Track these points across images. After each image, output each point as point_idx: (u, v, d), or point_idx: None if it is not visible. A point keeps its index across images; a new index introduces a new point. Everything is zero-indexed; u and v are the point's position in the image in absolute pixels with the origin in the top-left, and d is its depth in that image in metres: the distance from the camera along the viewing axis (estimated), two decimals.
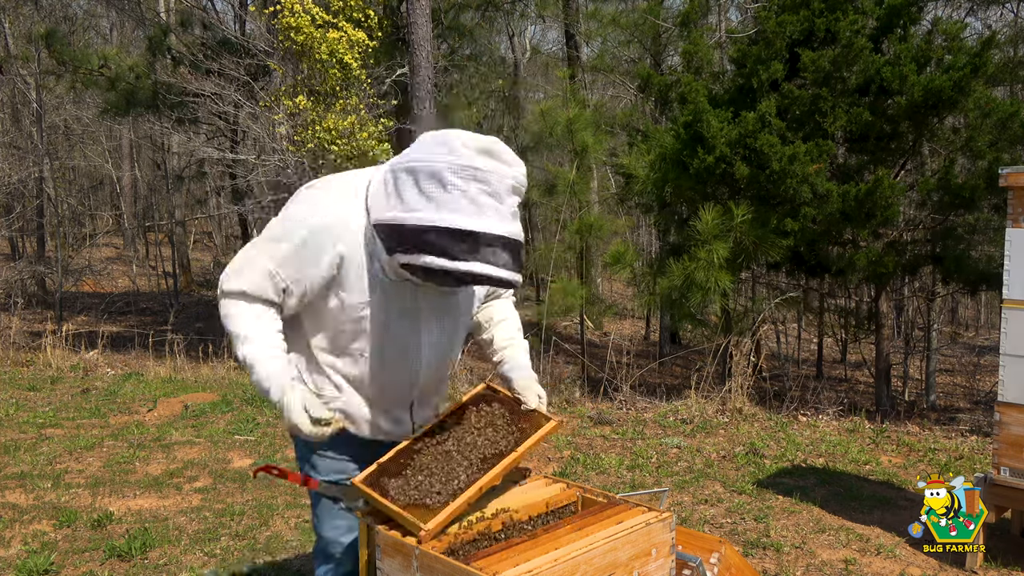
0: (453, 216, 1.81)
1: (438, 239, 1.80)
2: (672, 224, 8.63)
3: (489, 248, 1.82)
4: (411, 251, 1.85)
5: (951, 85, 7.08)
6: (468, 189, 1.82)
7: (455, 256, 1.80)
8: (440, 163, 1.83)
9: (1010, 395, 3.59)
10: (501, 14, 15.55)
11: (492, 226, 1.82)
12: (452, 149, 1.84)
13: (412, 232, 1.84)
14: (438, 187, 1.82)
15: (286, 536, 3.97)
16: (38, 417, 6.31)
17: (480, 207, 1.82)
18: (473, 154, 1.83)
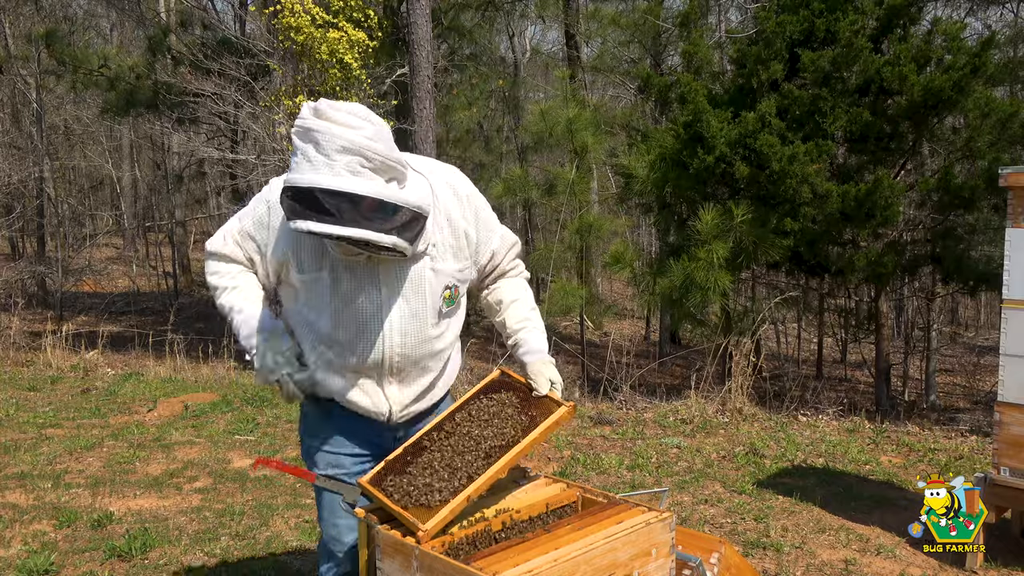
0: (291, 175, 1.84)
1: (286, 202, 1.85)
2: (672, 224, 8.62)
3: (324, 203, 1.77)
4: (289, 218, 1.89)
5: (951, 85, 7.08)
6: (307, 150, 1.83)
7: (298, 214, 1.81)
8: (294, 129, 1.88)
9: (1010, 395, 3.58)
10: (501, 14, 15.55)
11: (316, 180, 1.78)
12: (300, 115, 1.88)
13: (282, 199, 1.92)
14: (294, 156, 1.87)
15: (286, 536, 3.97)
16: (38, 417, 6.31)
17: (313, 163, 1.81)
18: (309, 115, 1.85)
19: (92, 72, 12.97)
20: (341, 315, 2.08)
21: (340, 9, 8.66)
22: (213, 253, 2.21)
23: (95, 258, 20.80)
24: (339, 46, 8.43)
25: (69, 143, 20.76)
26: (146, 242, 22.89)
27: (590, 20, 14.87)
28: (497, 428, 2.07)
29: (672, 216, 8.57)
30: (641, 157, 8.12)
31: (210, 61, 10.48)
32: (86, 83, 13.37)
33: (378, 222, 1.82)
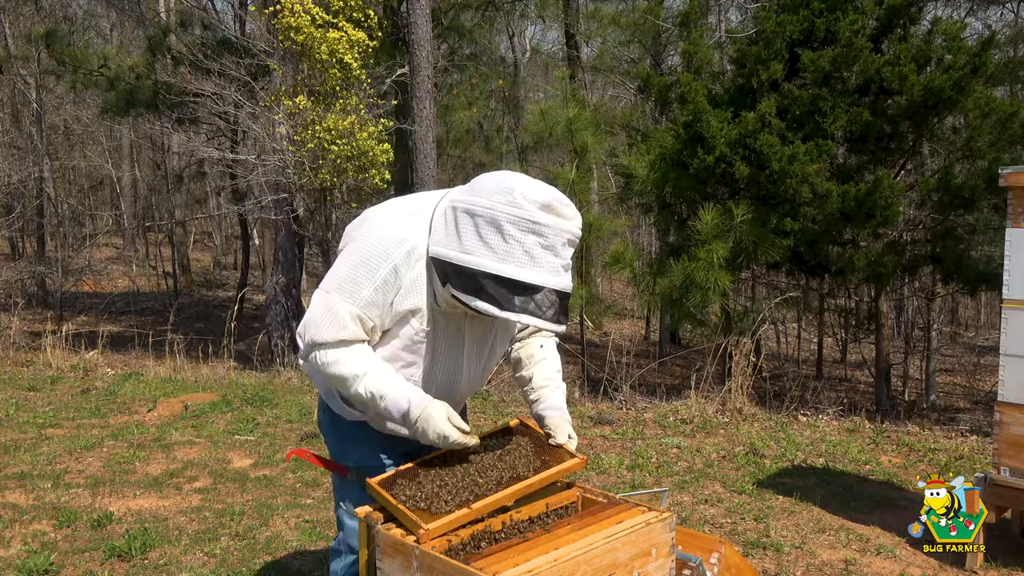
0: (508, 267, 1.86)
1: (492, 287, 1.86)
2: (672, 224, 8.62)
3: (541, 300, 1.87)
4: (465, 290, 1.90)
5: (951, 85, 7.08)
6: (525, 241, 1.86)
7: (506, 306, 1.86)
8: (500, 212, 1.87)
9: (1010, 395, 3.58)
10: (501, 14, 15.55)
11: (546, 280, 1.88)
12: (513, 201, 1.88)
13: (467, 274, 1.89)
14: (496, 235, 1.87)
15: (286, 536, 3.97)
16: (38, 417, 6.31)
17: (535, 260, 1.87)
18: (534, 208, 1.87)
19: (92, 72, 12.97)
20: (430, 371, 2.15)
21: (340, 9, 8.65)
22: (325, 344, 2.04)
23: (95, 258, 20.81)
24: (339, 46, 8.43)
25: (69, 143, 20.76)
26: (146, 242, 22.90)
27: (590, 20, 14.87)
28: (509, 463, 2.11)
29: (672, 216, 8.57)
30: (641, 157, 8.12)
31: (210, 61, 10.48)
32: (86, 83, 13.37)
33: (563, 311, 1.94)
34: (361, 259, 2.02)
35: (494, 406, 6.73)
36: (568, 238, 1.92)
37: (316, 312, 2.04)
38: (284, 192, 9.67)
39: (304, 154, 8.57)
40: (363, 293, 2.00)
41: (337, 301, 2.01)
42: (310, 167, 8.65)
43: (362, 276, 2.00)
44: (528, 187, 1.90)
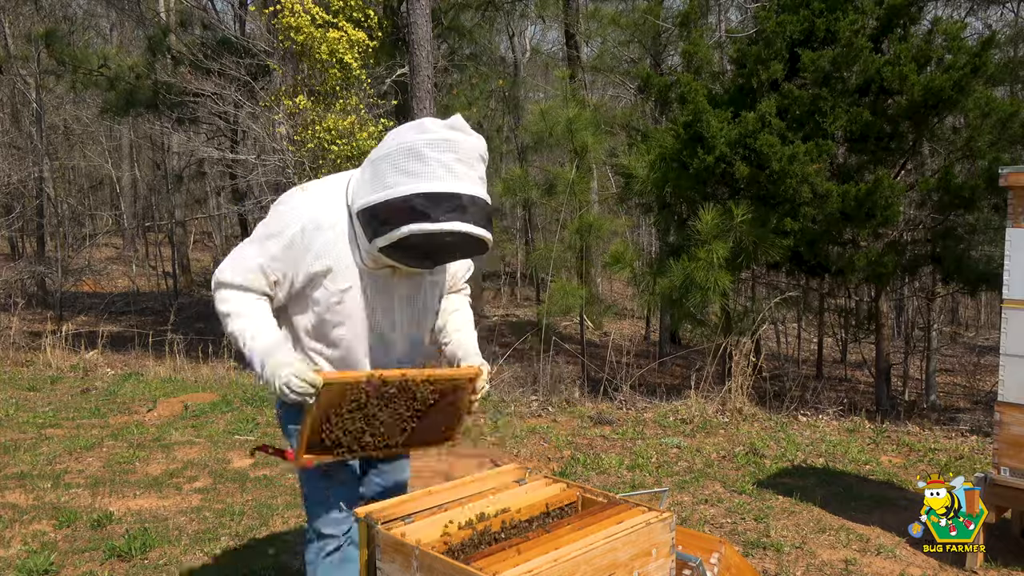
0: (434, 182, 2.01)
1: (421, 204, 1.99)
2: (672, 224, 8.62)
3: (466, 208, 2.02)
4: (392, 226, 2.03)
5: (951, 85, 7.08)
6: (443, 158, 2.03)
7: (436, 217, 1.99)
8: (415, 140, 2.05)
9: (1010, 395, 3.58)
10: (501, 14, 15.55)
11: (468, 188, 2.04)
12: (424, 128, 2.08)
13: (396, 206, 2.02)
14: (416, 161, 2.03)
15: (286, 536, 3.97)
16: (38, 417, 6.31)
17: (455, 173, 2.03)
18: (445, 129, 2.07)
19: (92, 72, 12.97)
20: (362, 323, 2.27)
21: (340, 9, 8.65)
22: (227, 283, 2.25)
23: (95, 258, 20.81)
24: (339, 46, 8.43)
25: (69, 143, 20.76)
26: (146, 242, 22.90)
27: (590, 20, 14.86)
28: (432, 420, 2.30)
29: (672, 216, 8.57)
30: (641, 157, 8.11)
31: (210, 61, 10.48)
32: (86, 83, 13.37)
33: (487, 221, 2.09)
34: (275, 219, 2.22)
35: (494, 406, 6.73)
36: (479, 153, 2.09)
37: (232, 256, 2.28)
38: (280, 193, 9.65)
39: (304, 154, 8.57)
40: (271, 248, 2.20)
41: (247, 250, 2.25)
42: (310, 167, 8.65)
43: (272, 233, 2.21)
44: (431, 118, 2.13)
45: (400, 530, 1.93)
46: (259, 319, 2.23)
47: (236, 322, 2.22)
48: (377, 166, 2.11)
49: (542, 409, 6.65)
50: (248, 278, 2.23)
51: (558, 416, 6.46)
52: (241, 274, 2.23)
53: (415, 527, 1.97)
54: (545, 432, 5.92)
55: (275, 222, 2.22)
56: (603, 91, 19.06)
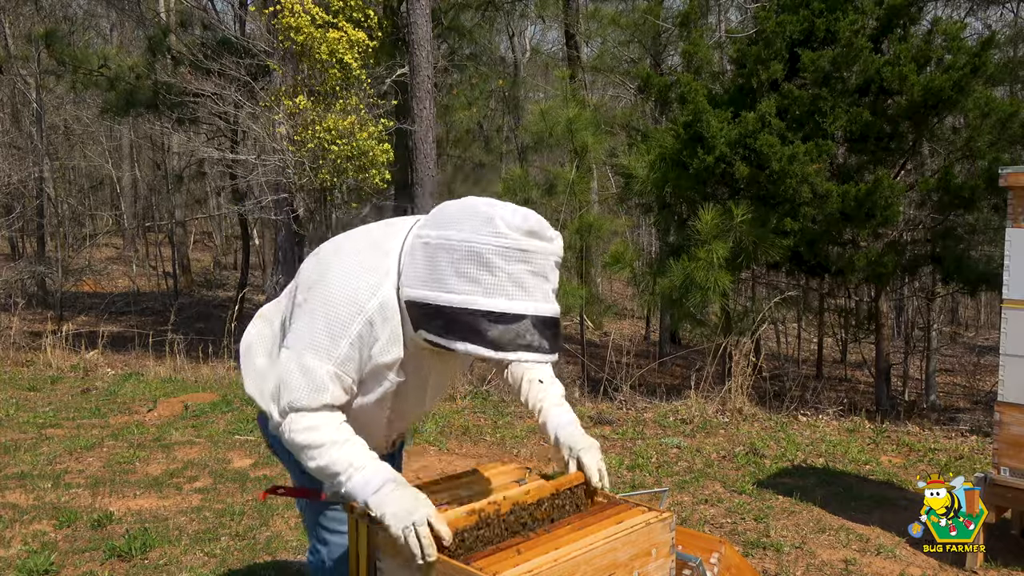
0: (498, 301, 1.71)
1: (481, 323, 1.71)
2: (672, 224, 8.62)
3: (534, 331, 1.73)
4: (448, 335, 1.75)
5: (951, 85, 7.08)
6: (513, 271, 1.72)
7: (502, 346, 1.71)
8: (482, 244, 1.72)
9: (1010, 395, 3.58)
10: (501, 14, 15.55)
11: (539, 308, 1.75)
12: (497, 230, 1.72)
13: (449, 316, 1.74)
14: (482, 269, 1.72)
15: (286, 536, 3.97)
16: (38, 417, 6.31)
17: (526, 289, 1.73)
18: (519, 235, 1.73)
19: (92, 72, 12.97)
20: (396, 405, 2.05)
21: (340, 9, 8.65)
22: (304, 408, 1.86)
23: (95, 258, 20.81)
24: (339, 46, 8.42)
25: (69, 143, 20.77)
26: (146, 242, 22.90)
27: (590, 20, 14.87)
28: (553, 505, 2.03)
29: (672, 216, 8.57)
30: (641, 157, 8.12)
31: (210, 61, 10.48)
32: (86, 83, 13.36)
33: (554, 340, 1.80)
34: (330, 312, 1.84)
35: (494, 406, 6.73)
36: (555, 260, 1.80)
37: (291, 374, 1.86)
38: (284, 192, 9.67)
39: (304, 154, 8.57)
40: (339, 351, 1.84)
41: (311, 361, 1.84)
42: (310, 167, 8.64)
43: (336, 331, 1.83)
44: (508, 213, 1.75)
45: None
46: (356, 445, 1.87)
47: (328, 453, 1.84)
48: (434, 256, 1.76)
49: None
50: (329, 394, 1.86)
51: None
52: (319, 393, 1.85)
53: None
54: None
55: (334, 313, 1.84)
56: (603, 91, 19.06)
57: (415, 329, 1.82)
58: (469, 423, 6.11)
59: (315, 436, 1.85)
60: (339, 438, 1.86)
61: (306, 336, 1.85)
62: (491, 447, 5.58)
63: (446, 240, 1.75)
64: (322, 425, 1.86)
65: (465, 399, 6.91)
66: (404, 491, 1.81)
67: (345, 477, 1.83)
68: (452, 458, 5.27)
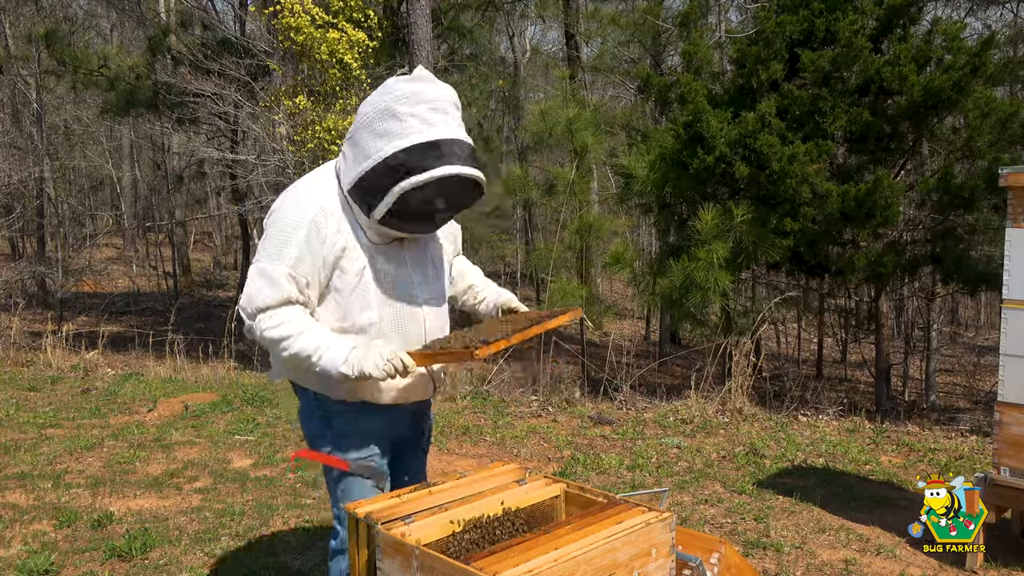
0: (412, 136, 2.03)
1: (406, 159, 2.01)
2: (672, 224, 8.62)
3: (450, 152, 2.03)
4: (384, 191, 2.03)
5: (951, 85, 7.08)
6: (417, 111, 2.04)
7: (423, 168, 2.00)
8: (385, 101, 2.06)
9: (1010, 395, 3.58)
10: (501, 14, 15.55)
11: (447, 132, 2.06)
12: (390, 88, 2.09)
13: (381, 170, 2.04)
14: (391, 120, 2.05)
15: (286, 536, 3.97)
16: (38, 417, 6.32)
17: (432, 123, 2.05)
18: (410, 84, 2.07)
19: (92, 72, 12.97)
20: (385, 304, 2.25)
21: (340, 9, 8.65)
22: (266, 306, 2.15)
23: (95, 258, 20.81)
24: (339, 46, 8.43)
25: (69, 143, 20.77)
26: (146, 242, 22.89)
27: (590, 20, 14.86)
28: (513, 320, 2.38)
29: (672, 216, 8.57)
30: (641, 157, 8.11)
31: (210, 61, 10.48)
32: (86, 83, 13.37)
33: (474, 161, 2.10)
34: (280, 228, 2.16)
35: (494, 406, 6.74)
36: (450, 99, 2.10)
37: (253, 282, 2.17)
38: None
39: (304, 154, 8.57)
40: (290, 253, 2.13)
41: (268, 266, 2.15)
42: (310, 167, 8.64)
43: (285, 239, 2.14)
44: (394, 77, 2.12)
45: (400, 530, 1.94)
46: (320, 330, 2.16)
47: (298, 342, 2.13)
48: (356, 138, 2.12)
49: (542, 409, 6.66)
50: (284, 291, 2.14)
51: (558, 416, 6.46)
52: (278, 291, 2.14)
53: (415, 527, 1.97)
54: (545, 432, 5.92)
55: (283, 227, 2.16)
56: (603, 91, 19.06)
57: (367, 215, 2.12)
58: (469, 423, 6.11)
59: (283, 329, 2.13)
60: (305, 328, 2.14)
61: (263, 251, 2.18)
62: (491, 447, 5.58)
63: (359, 120, 2.13)
64: (288, 320, 2.14)
65: (465, 399, 6.91)
66: (367, 348, 2.13)
67: (316, 357, 2.12)
68: (452, 458, 5.27)
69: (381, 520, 1.98)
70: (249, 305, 2.17)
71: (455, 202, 2.18)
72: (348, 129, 8.04)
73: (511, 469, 2.32)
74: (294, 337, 2.13)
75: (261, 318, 2.15)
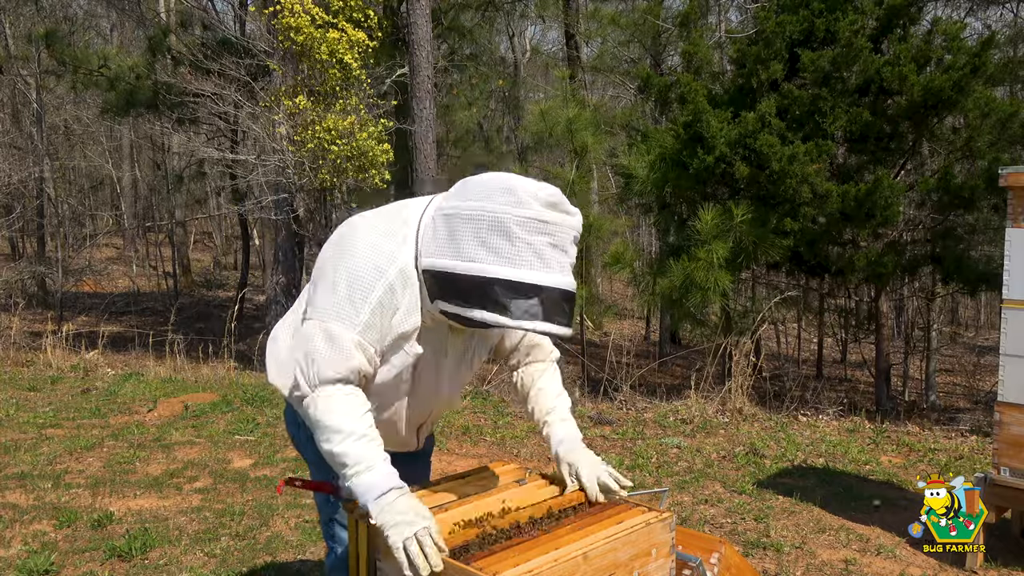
0: (520, 271, 1.72)
1: (500, 293, 1.72)
2: (672, 224, 8.62)
3: (549, 306, 1.74)
4: (465, 303, 1.76)
5: (951, 85, 7.08)
6: (535, 242, 1.73)
7: (515, 315, 1.72)
8: (505, 214, 1.73)
9: (1010, 395, 3.58)
10: (501, 14, 15.56)
11: (558, 280, 1.75)
12: (519, 200, 1.74)
13: (472, 284, 1.74)
14: (502, 238, 1.73)
15: (286, 536, 3.98)
16: (38, 417, 6.32)
17: (546, 261, 1.74)
18: (541, 207, 1.75)
19: (92, 72, 12.97)
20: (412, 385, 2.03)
21: (340, 9, 8.65)
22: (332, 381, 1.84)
23: (95, 258, 20.81)
24: (339, 46, 8.42)
25: (69, 143, 20.77)
26: (146, 242, 22.89)
27: (590, 20, 14.87)
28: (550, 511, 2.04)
29: (672, 216, 8.57)
30: (641, 157, 8.11)
31: (210, 61, 10.48)
32: (86, 83, 13.37)
33: (569, 315, 1.79)
34: (351, 281, 1.84)
35: (494, 406, 6.73)
36: (574, 235, 1.80)
37: (317, 343, 1.84)
38: (284, 192, 9.67)
39: (304, 154, 8.57)
40: (361, 317, 1.83)
41: (336, 328, 1.83)
42: (310, 167, 8.65)
43: (357, 299, 1.83)
44: (530, 185, 1.77)
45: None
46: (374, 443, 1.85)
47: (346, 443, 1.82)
48: (454, 226, 1.78)
49: None
50: (351, 366, 1.84)
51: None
52: (346, 360, 1.83)
53: None
54: None
55: (356, 281, 1.83)
56: (603, 91, 19.06)
57: (432, 300, 1.82)
58: (469, 423, 6.11)
59: (337, 420, 1.82)
60: (360, 431, 1.83)
61: (328, 305, 1.84)
62: (491, 447, 5.58)
63: (467, 210, 1.77)
64: (348, 412, 1.84)
65: (465, 399, 6.91)
66: (408, 501, 1.79)
67: (352, 472, 1.81)
68: (452, 458, 5.27)
69: None
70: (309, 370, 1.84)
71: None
72: (348, 129, 7.98)
73: (511, 469, 2.32)
74: (344, 435, 1.82)
75: (320, 392, 1.84)
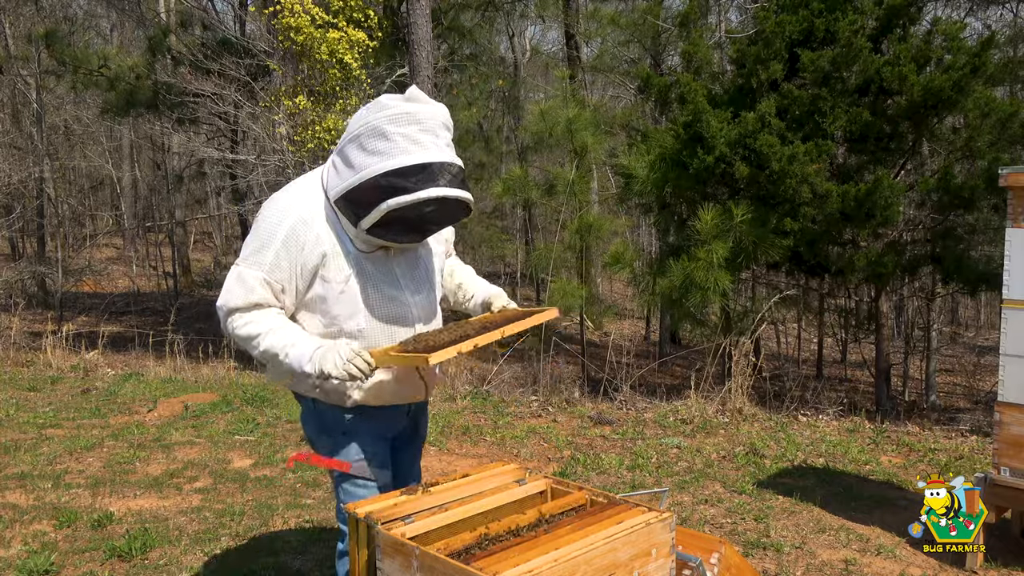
0: (401, 157, 2.06)
1: (394, 180, 2.05)
2: (672, 224, 8.62)
3: (438, 175, 2.07)
4: (371, 206, 2.07)
5: (951, 85, 7.08)
6: (406, 131, 2.08)
7: (411, 189, 2.04)
8: (375, 119, 2.10)
9: (1010, 395, 3.58)
10: (501, 14, 15.56)
11: (436, 155, 2.09)
12: (382, 105, 2.12)
13: (370, 186, 2.07)
14: (381, 140, 2.08)
15: (286, 536, 3.97)
16: (38, 417, 6.32)
17: (421, 144, 2.09)
18: (402, 103, 2.11)
19: (92, 72, 12.97)
20: (374, 310, 2.29)
21: (340, 9, 8.65)
22: (239, 307, 2.23)
23: (95, 258, 20.81)
24: (339, 46, 8.43)
25: (69, 143, 20.77)
26: (146, 242, 22.89)
27: (590, 20, 14.87)
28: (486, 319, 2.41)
29: (672, 216, 8.57)
30: (641, 157, 8.11)
31: (210, 61, 10.49)
32: (86, 83, 13.38)
33: (463, 182, 2.14)
34: (259, 233, 2.22)
35: (494, 406, 6.74)
36: (441, 120, 2.14)
37: (229, 283, 2.24)
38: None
39: (304, 154, 8.57)
40: (266, 258, 2.19)
41: (245, 270, 2.22)
42: (310, 167, 8.65)
43: (263, 244, 2.20)
44: (394, 94, 2.15)
45: (400, 530, 1.94)
46: (289, 329, 2.22)
47: (266, 340, 2.21)
48: (345, 152, 2.16)
49: (542, 409, 6.66)
50: (258, 295, 2.21)
51: (558, 416, 6.46)
52: (249, 294, 2.21)
53: (415, 527, 1.98)
54: (545, 432, 5.92)
55: (262, 231, 2.22)
56: (603, 91, 19.07)
57: (354, 225, 2.16)
58: (469, 423, 6.11)
59: (252, 328, 2.21)
60: (273, 326, 2.21)
61: (243, 253, 2.25)
62: (491, 447, 5.58)
63: (351, 133, 2.15)
64: (257, 319, 2.22)
65: (465, 399, 6.91)
66: (330, 345, 2.16)
67: (283, 355, 2.19)
68: (452, 458, 5.27)
69: (381, 520, 1.98)
70: (224, 305, 2.25)
71: (441, 219, 2.21)
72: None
73: (511, 469, 2.32)
74: (262, 335, 2.20)
75: (232, 318, 2.24)
